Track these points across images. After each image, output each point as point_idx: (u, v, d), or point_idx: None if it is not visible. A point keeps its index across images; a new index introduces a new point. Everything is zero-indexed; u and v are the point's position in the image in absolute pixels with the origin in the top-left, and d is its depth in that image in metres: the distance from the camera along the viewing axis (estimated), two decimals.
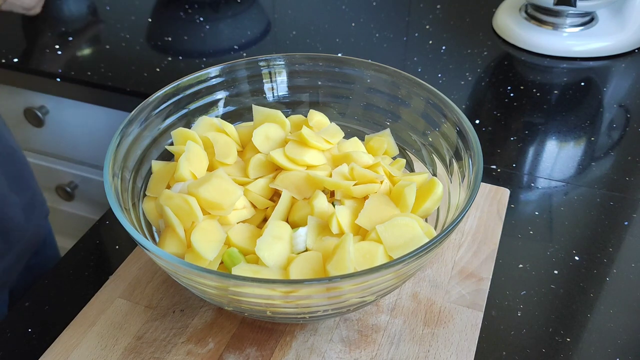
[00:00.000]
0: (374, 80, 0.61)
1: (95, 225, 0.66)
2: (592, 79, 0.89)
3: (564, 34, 0.93)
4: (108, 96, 0.89)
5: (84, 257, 0.62)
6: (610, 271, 0.59)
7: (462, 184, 0.51)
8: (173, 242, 0.48)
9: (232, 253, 0.48)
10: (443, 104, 0.55)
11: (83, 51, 0.97)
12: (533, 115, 0.81)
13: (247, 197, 0.52)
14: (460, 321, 0.53)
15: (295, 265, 0.46)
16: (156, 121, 0.57)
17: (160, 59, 0.94)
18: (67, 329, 0.53)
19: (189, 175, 0.52)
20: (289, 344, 0.51)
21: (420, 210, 0.52)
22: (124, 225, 0.44)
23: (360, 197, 0.51)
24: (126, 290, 0.56)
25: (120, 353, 0.51)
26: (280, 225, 0.49)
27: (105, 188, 0.47)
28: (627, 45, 0.92)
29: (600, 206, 0.67)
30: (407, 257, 0.41)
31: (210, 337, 0.52)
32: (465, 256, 0.59)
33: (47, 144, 1.06)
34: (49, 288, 0.59)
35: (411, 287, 0.56)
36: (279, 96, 0.63)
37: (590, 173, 0.72)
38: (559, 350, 0.52)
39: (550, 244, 0.62)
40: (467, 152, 0.52)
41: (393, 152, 0.60)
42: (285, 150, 0.54)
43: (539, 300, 0.56)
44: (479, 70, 0.91)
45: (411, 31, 1.01)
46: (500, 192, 0.66)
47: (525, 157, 0.74)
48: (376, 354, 0.51)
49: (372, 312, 0.54)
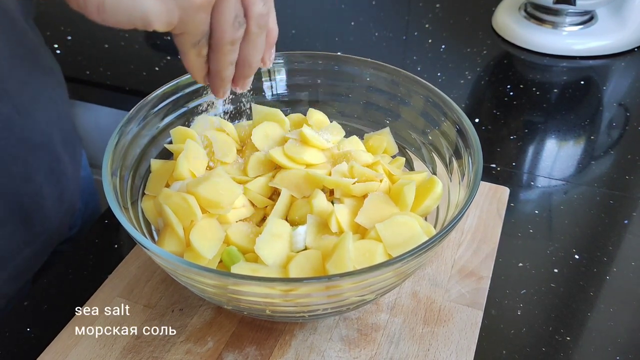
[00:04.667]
0: (373, 78, 0.61)
1: (94, 224, 0.65)
2: (592, 77, 0.89)
3: (564, 32, 0.93)
4: (107, 95, 0.89)
5: (83, 256, 0.62)
6: (610, 270, 0.59)
7: (461, 182, 0.51)
8: (172, 240, 0.48)
9: (231, 252, 0.47)
10: (443, 102, 0.55)
11: (82, 50, 0.97)
12: (533, 114, 0.81)
13: (247, 195, 0.52)
14: (460, 320, 0.53)
15: (294, 263, 0.46)
16: (155, 120, 0.56)
17: (159, 58, 0.94)
18: (66, 328, 0.52)
19: (188, 174, 0.52)
20: (289, 342, 0.51)
21: (419, 208, 0.51)
22: (122, 224, 0.44)
23: (359, 195, 0.51)
24: (125, 289, 0.56)
25: (119, 352, 0.50)
26: (279, 223, 0.49)
27: (104, 187, 0.47)
28: (627, 44, 0.92)
29: (600, 205, 0.67)
30: (407, 255, 0.41)
31: (209, 336, 0.52)
32: (465, 255, 0.59)
33: None
34: (48, 287, 0.59)
35: (411, 285, 0.56)
36: (278, 95, 0.63)
37: (590, 172, 0.72)
38: (559, 349, 0.52)
39: (550, 243, 0.62)
40: (466, 151, 0.51)
41: (392, 150, 0.60)
42: (285, 148, 0.54)
43: (539, 299, 0.56)
44: (479, 69, 0.91)
45: (410, 30, 1.01)
46: (500, 191, 0.66)
47: (525, 156, 0.74)
48: (376, 353, 0.50)
49: (371, 310, 0.54)
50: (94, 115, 0.97)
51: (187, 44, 0.39)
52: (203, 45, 0.39)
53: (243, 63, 0.42)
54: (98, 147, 1.01)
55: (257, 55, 0.42)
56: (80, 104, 0.95)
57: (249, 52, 0.41)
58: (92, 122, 0.98)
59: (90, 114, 0.97)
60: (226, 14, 0.38)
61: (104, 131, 0.97)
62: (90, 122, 0.98)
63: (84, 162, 0.79)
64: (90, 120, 0.98)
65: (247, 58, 0.42)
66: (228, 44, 0.39)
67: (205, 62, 0.41)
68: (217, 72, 0.41)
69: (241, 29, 0.39)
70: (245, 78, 0.43)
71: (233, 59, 0.41)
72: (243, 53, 0.41)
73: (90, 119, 0.98)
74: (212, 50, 0.40)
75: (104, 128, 0.97)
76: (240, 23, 0.39)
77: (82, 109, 0.96)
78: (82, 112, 0.97)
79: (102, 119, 0.96)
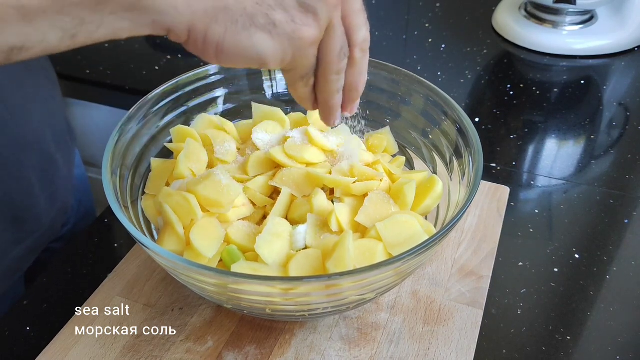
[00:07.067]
0: (373, 77, 0.61)
1: (94, 223, 0.65)
2: (592, 77, 0.89)
3: (564, 32, 0.93)
4: (107, 94, 0.89)
5: (83, 255, 0.61)
6: (611, 269, 0.59)
7: (462, 181, 0.51)
8: (172, 239, 0.48)
9: (231, 250, 0.47)
10: (443, 101, 0.55)
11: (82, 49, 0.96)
12: (533, 114, 0.81)
13: (247, 194, 0.52)
14: (460, 319, 0.53)
15: (294, 262, 0.46)
16: (155, 119, 0.56)
17: (159, 57, 0.94)
18: (66, 327, 0.52)
19: (188, 173, 0.52)
20: (289, 342, 0.51)
21: (420, 207, 0.51)
22: (123, 223, 0.44)
23: (359, 194, 0.51)
24: (125, 289, 0.55)
25: (119, 351, 0.50)
26: (279, 222, 0.49)
27: (104, 186, 0.47)
28: (627, 44, 0.92)
29: (600, 204, 0.67)
30: (407, 254, 0.41)
31: (209, 335, 0.52)
32: (465, 254, 0.59)
33: None
34: (48, 287, 0.58)
35: (411, 285, 0.56)
36: (279, 93, 0.63)
37: (590, 171, 0.72)
38: (559, 349, 0.52)
39: (550, 242, 0.62)
40: (467, 150, 0.51)
41: (393, 150, 0.60)
42: (285, 147, 0.54)
43: (539, 298, 0.56)
44: (479, 68, 0.91)
45: (410, 29, 1.01)
46: (500, 190, 0.66)
47: (525, 155, 0.74)
48: (376, 352, 0.50)
49: (371, 310, 0.54)
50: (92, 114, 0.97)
51: (296, 77, 0.39)
52: (310, 76, 0.40)
53: (350, 88, 0.42)
54: (96, 146, 1.01)
55: (363, 78, 0.42)
56: (79, 103, 0.95)
57: (355, 77, 0.42)
58: (91, 121, 0.98)
59: (89, 112, 0.97)
60: (333, 47, 0.38)
61: (102, 130, 0.97)
62: (89, 121, 0.98)
63: (78, 160, 0.79)
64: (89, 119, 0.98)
65: (353, 83, 0.42)
66: (334, 73, 0.40)
67: (312, 91, 0.41)
68: (326, 101, 0.42)
69: (346, 59, 0.40)
70: (353, 102, 0.44)
71: (340, 87, 0.41)
72: (349, 79, 0.41)
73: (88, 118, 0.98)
74: (319, 81, 0.40)
75: (102, 127, 0.97)
76: (345, 54, 0.39)
77: (81, 108, 0.96)
78: (80, 111, 0.97)
79: (101, 118, 0.96)
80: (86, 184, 0.82)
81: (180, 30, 0.34)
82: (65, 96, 0.94)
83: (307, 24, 0.35)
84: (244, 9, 0.34)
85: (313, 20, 0.36)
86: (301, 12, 0.35)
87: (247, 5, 0.34)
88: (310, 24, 0.35)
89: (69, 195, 0.73)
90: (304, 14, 0.35)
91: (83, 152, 1.04)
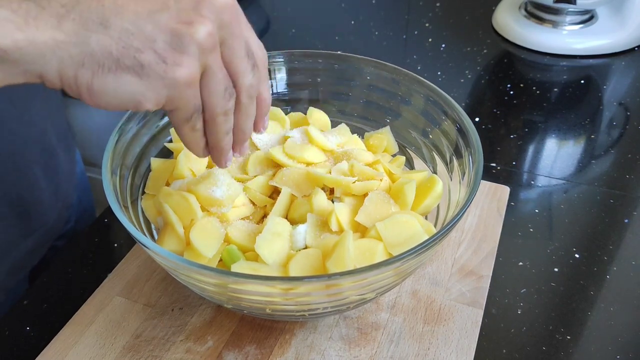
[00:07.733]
0: (373, 77, 0.61)
1: (94, 223, 0.65)
2: (592, 76, 0.89)
3: (564, 31, 0.93)
4: None
5: (83, 255, 0.61)
6: (611, 269, 0.59)
7: (462, 181, 0.51)
8: (172, 239, 0.48)
9: (231, 250, 0.47)
10: (443, 101, 0.55)
11: None
12: (533, 113, 0.81)
13: (247, 194, 0.52)
14: (460, 319, 0.53)
15: (294, 262, 0.46)
16: (155, 118, 0.56)
17: None
18: (66, 327, 0.52)
19: (188, 173, 0.52)
20: (289, 341, 0.51)
21: (420, 207, 0.51)
22: (122, 222, 0.44)
23: (359, 194, 0.51)
24: (125, 289, 0.55)
25: (119, 351, 0.50)
26: (279, 222, 0.49)
27: (104, 186, 0.47)
28: (627, 43, 0.92)
29: (600, 204, 0.67)
30: (407, 254, 0.41)
31: (209, 335, 0.52)
32: (465, 254, 0.59)
33: None
34: (48, 286, 0.58)
35: (411, 284, 0.56)
36: (279, 93, 0.63)
37: (590, 171, 0.72)
38: (559, 348, 0.52)
39: (551, 242, 0.62)
40: (467, 150, 0.51)
41: (393, 149, 0.60)
42: (285, 147, 0.54)
43: (539, 298, 0.56)
44: (479, 68, 0.91)
45: (410, 29, 1.01)
46: (500, 190, 0.66)
47: (525, 155, 0.74)
48: (376, 352, 0.50)
49: (371, 309, 0.54)
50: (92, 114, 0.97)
51: (180, 119, 0.39)
52: (197, 119, 0.39)
53: (237, 131, 0.42)
54: (94, 146, 1.01)
55: (250, 122, 0.43)
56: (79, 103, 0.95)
57: (243, 121, 0.42)
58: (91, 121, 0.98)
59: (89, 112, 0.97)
60: (214, 88, 0.38)
61: (102, 130, 0.97)
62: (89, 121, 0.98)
63: (77, 158, 0.79)
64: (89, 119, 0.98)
65: (241, 126, 0.42)
66: (221, 115, 0.39)
67: (202, 135, 0.41)
68: (216, 143, 0.42)
69: (232, 99, 0.40)
70: (242, 144, 0.44)
71: (229, 129, 0.41)
72: (236, 122, 0.42)
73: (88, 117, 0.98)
74: (207, 123, 0.40)
75: (102, 127, 0.97)
76: (230, 94, 0.39)
77: (80, 108, 0.96)
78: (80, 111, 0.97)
79: (101, 118, 0.96)
80: (86, 182, 0.83)
81: (52, 77, 0.34)
82: (65, 96, 0.94)
83: (179, 63, 0.35)
84: (110, 53, 0.34)
85: (186, 60, 0.35)
86: (172, 52, 0.35)
87: (113, 50, 0.34)
88: (182, 63, 0.35)
89: (72, 190, 0.74)
90: (175, 54, 0.35)
91: (83, 152, 1.04)
